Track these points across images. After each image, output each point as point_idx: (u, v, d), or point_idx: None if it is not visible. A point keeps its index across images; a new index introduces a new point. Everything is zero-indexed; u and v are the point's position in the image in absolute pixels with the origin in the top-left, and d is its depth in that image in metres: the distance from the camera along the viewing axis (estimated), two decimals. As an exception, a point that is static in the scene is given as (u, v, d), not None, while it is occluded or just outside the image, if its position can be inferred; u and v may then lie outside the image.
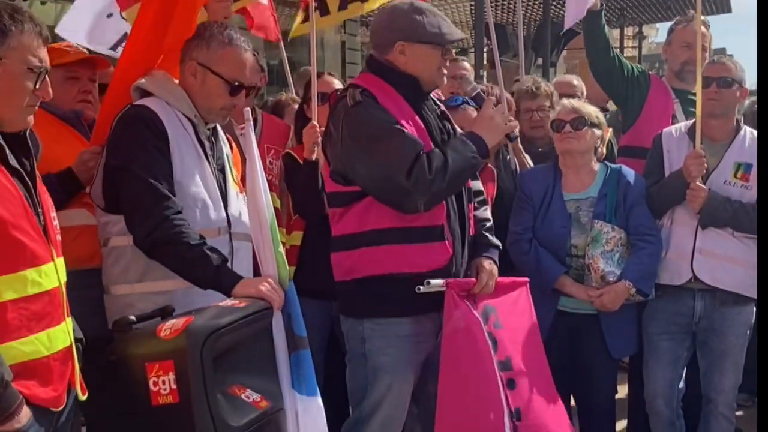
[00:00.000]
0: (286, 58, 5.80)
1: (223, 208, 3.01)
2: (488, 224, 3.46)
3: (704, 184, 3.84)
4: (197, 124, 3.01)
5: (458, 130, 3.42)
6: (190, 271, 2.80)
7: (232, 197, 3.09)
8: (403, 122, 3.15)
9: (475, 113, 3.72)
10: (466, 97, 3.86)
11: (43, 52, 2.25)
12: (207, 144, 3.04)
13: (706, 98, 3.92)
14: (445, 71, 3.30)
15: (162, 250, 2.80)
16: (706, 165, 3.83)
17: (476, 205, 3.45)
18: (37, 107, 2.29)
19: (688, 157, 3.84)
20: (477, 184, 3.51)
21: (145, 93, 3.01)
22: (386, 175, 3.10)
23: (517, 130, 3.46)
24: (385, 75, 3.25)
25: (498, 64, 4.59)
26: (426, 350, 3.27)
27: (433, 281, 3.14)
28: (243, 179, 3.05)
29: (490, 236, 3.43)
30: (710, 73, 3.95)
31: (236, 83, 2.99)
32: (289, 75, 5.80)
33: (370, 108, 3.13)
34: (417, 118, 3.21)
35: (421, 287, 3.11)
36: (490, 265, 3.35)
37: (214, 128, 3.15)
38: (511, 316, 3.42)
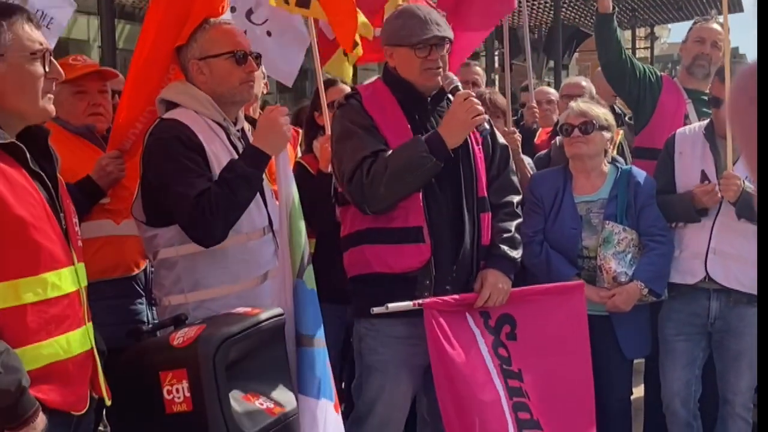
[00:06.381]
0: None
1: (264, 207, 3.01)
2: (505, 235, 3.35)
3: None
4: (227, 127, 3.00)
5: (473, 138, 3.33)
6: (237, 195, 2.78)
7: (268, 195, 3.08)
8: (383, 126, 3.17)
9: None
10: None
11: (38, 34, 2.23)
12: (239, 145, 3.02)
13: None
14: (431, 71, 3.20)
15: (210, 216, 2.74)
16: (739, 182, 3.68)
17: (503, 216, 3.37)
18: (53, 91, 2.26)
19: (723, 179, 3.72)
20: (512, 198, 3.43)
21: (170, 104, 2.99)
22: (338, 178, 3.26)
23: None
24: (386, 79, 3.32)
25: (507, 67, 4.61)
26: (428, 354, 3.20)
27: (393, 304, 3.09)
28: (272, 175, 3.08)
29: (504, 247, 3.33)
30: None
31: (238, 52, 2.98)
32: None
33: (348, 112, 3.21)
34: (405, 121, 3.21)
35: (375, 309, 3.09)
36: (494, 278, 3.27)
37: (243, 129, 3.14)
38: (535, 326, 3.39)
